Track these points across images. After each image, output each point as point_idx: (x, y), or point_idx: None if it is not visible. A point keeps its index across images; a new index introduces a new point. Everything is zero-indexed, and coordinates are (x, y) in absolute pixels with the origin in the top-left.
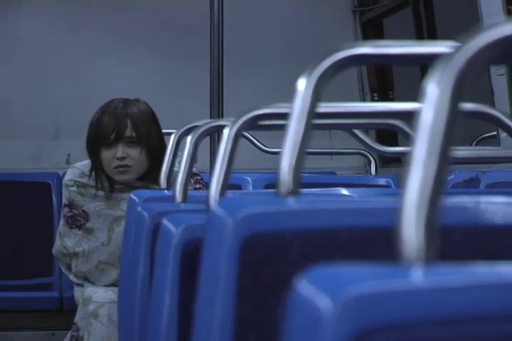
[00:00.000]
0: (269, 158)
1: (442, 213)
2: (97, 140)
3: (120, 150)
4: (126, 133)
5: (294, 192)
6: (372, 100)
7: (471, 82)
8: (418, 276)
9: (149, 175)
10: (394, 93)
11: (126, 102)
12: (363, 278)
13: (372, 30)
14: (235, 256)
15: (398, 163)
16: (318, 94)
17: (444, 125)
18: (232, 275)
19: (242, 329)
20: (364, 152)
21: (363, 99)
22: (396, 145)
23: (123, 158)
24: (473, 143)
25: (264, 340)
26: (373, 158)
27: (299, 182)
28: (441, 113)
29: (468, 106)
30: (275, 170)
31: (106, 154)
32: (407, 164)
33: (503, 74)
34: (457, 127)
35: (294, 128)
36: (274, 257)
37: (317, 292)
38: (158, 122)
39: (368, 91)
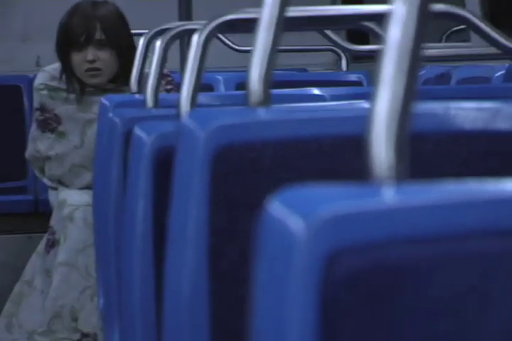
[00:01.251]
0: (239, 56)
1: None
2: (67, 43)
3: (90, 53)
4: (96, 36)
5: (265, 102)
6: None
7: None
8: (390, 195)
9: (120, 77)
10: None
11: (95, 4)
12: (334, 199)
13: None
14: (207, 168)
15: (370, 58)
16: (285, 3)
17: (411, 42)
18: (204, 187)
19: (216, 241)
20: (335, 48)
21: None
22: (367, 40)
23: (93, 61)
24: (443, 38)
25: (237, 249)
26: (344, 54)
27: (270, 93)
28: (408, 31)
29: (438, 6)
30: (246, 69)
31: (76, 57)
32: (377, 61)
33: None
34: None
35: (263, 37)
36: (245, 168)
37: (289, 213)
38: (128, 23)
39: None
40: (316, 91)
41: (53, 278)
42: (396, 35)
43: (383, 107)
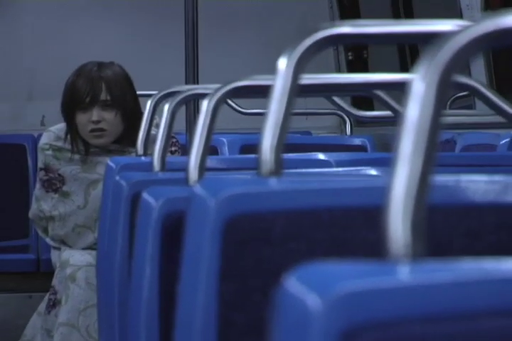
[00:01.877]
0: (244, 119)
1: None
2: (72, 103)
3: (95, 113)
4: (101, 97)
5: (276, 171)
6: (347, 59)
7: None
8: (405, 273)
9: (125, 138)
10: (368, 52)
11: (101, 65)
12: (350, 276)
13: None
14: (218, 237)
15: (373, 122)
16: (298, 74)
17: (429, 121)
18: (215, 256)
19: (225, 310)
20: (339, 112)
21: (338, 58)
22: (371, 106)
23: (98, 122)
24: (448, 103)
25: (247, 320)
26: (348, 118)
27: (281, 161)
28: (426, 110)
29: None
30: (250, 131)
31: (81, 118)
32: (382, 125)
33: None
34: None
35: (275, 109)
36: (256, 238)
37: (305, 289)
38: (133, 85)
39: (342, 51)
40: (321, 156)
41: (54, 338)
42: (414, 112)
43: (400, 185)
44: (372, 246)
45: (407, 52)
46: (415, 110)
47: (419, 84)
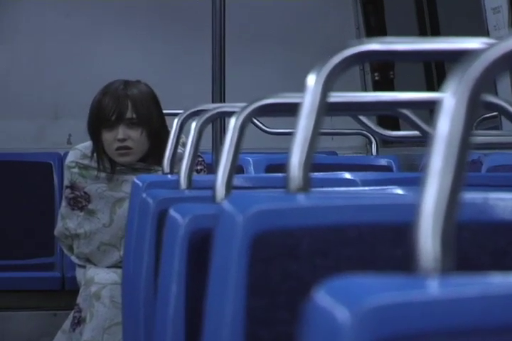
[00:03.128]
0: (270, 138)
1: None
2: (98, 121)
3: (121, 131)
4: (127, 115)
5: (304, 188)
6: (373, 80)
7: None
8: (435, 287)
9: (150, 157)
10: (394, 73)
11: (127, 84)
12: (380, 289)
13: (373, 11)
14: (245, 253)
15: (399, 143)
16: (327, 91)
17: (460, 137)
18: (242, 272)
19: (252, 326)
20: (365, 132)
21: (364, 79)
22: (397, 126)
23: (124, 140)
24: (475, 124)
25: (275, 336)
26: (374, 139)
27: (309, 179)
28: (457, 126)
29: None
30: (276, 150)
31: (107, 136)
32: (408, 146)
33: None
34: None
35: (304, 126)
36: (284, 254)
37: (335, 303)
38: (159, 103)
39: (368, 71)
40: (347, 175)
41: None
42: (445, 127)
43: (431, 200)
44: (399, 263)
45: (434, 72)
46: (446, 126)
47: (450, 100)
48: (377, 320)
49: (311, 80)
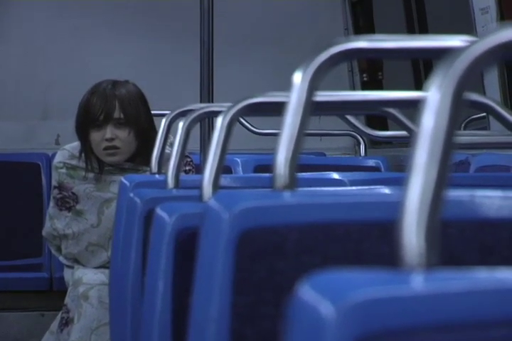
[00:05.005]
0: (258, 139)
1: None
2: (86, 121)
3: (109, 131)
4: (115, 115)
5: (290, 186)
6: (362, 80)
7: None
8: (419, 282)
9: (138, 157)
10: (383, 73)
11: (115, 84)
12: (364, 284)
13: (362, 12)
14: (232, 251)
15: (388, 143)
16: (313, 88)
17: (445, 130)
18: (228, 269)
19: (238, 324)
20: (353, 133)
21: (352, 80)
22: (385, 126)
23: (111, 139)
24: (462, 125)
25: (260, 333)
26: (363, 139)
27: (295, 177)
28: (442, 118)
29: None
30: (264, 151)
31: (95, 135)
32: (396, 146)
33: None
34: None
35: (290, 123)
36: (270, 251)
37: (319, 298)
38: (148, 103)
39: (357, 72)
40: (335, 175)
41: None
42: (429, 123)
43: (415, 194)
44: (386, 260)
45: (422, 73)
46: (430, 121)
47: (435, 95)
48: (362, 315)
49: (298, 78)
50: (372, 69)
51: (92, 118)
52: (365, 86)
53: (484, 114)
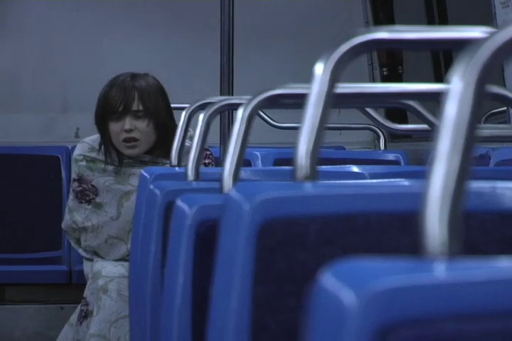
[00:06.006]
0: (277, 132)
1: None
2: (105, 113)
3: (127, 122)
4: (133, 107)
5: (311, 177)
6: (382, 75)
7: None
8: (442, 271)
9: (158, 149)
10: (403, 68)
11: (134, 76)
12: (386, 273)
13: (382, 5)
14: (252, 241)
15: (407, 137)
16: (335, 79)
17: (467, 120)
18: (249, 260)
19: (259, 314)
20: (373, 127)
21: (372, 74)
22: (405, 120)
23: (130, 130)
24: (483, 119)
25: (281, 324)
26: (382, 133)
27: (316, 168)
28: (465, 108)
29: None
30: (284, 145)
31: (114, 127)
32: (416, 140)
33: None
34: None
35: (311, 114)
36: (290, 242)
37: (341, 286)
38: (167, 96)
39: (377, 66)
40: (355, 168)
41: None
42: (452, 113)
43: (438, 183)
44: (407, 251)
45: (443, 67)
46: (453, 110)
47: (458, 84)
48: (384, 303)
49: (319, 68)
50: (393, 63)
51: (111, 110)
52: (385, 80)
53: (504, 108)
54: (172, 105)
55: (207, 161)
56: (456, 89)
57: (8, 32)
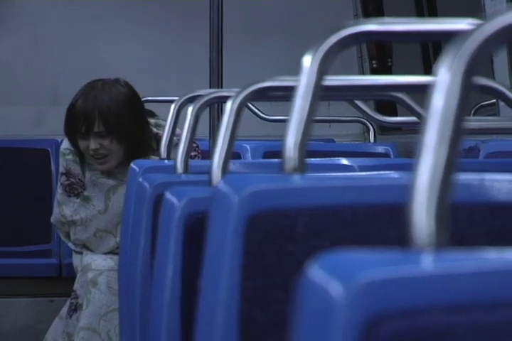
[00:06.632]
0: (267, 125)
1: None
2: (71, 131)
3: (92, 142)
4: (95, 128)
5: (300, 169)
6: (371, 67)
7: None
8: (429, 262)
9: (131, 159)
10: (392, 60)
11: (103, 87)
12: (374, 264)
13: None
14: (241, 233)
15: (397, 130)
16: (323, 71)
17: (454, 111)
18: (237, 252)
19: (247, 306)
20: (363, 120)
21: (362, 66)
22: (395, 113)
23: (96, 149)
24: (472, 112)
25: (270, 317)
26: (372, 126)
27: (305, 161)
28: (452, 100)
29: None
30: (273, 138)
31: (81, 144)
32: (405, 133)
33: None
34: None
35: (299, 106)
36: (279, 234)
37: (328, 278)
38: (137, 103)
39: (366, 59)
40: (344, 161)
41: None
42: (439, 105)
43: (425, 175)
44: (396, 243)
45: (432, 61)
46: (440, 101)
47: (445, 74)
48: (371, 295)
49: (307, 60)
50: (382, 55)
51: (76, 130)
52: (375, 73)
53: (493, 100)
54: (162, 98)
55: (193, 154)
56: (443, 80)
57: (0, 25)
